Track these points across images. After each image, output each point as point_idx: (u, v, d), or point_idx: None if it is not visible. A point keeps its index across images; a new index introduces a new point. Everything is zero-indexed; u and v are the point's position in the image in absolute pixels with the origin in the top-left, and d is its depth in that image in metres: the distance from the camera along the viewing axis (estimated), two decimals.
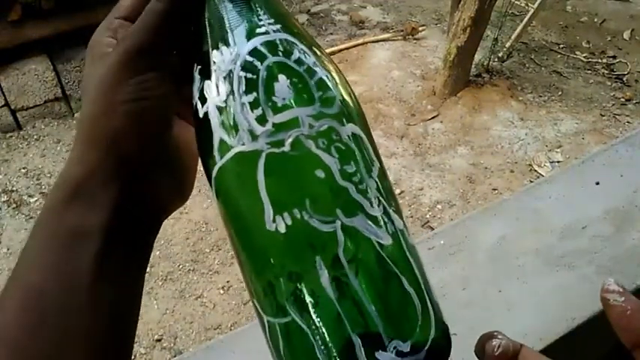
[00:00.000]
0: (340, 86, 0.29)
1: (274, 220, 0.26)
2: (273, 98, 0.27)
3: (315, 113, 0.27)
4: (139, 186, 0.29)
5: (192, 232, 2.02)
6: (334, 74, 0.29)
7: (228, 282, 1.85)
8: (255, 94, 0.27)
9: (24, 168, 2.32)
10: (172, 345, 1.70)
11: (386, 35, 3.01)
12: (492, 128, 2.45)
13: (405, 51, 2.91)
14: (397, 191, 2.16)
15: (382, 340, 0.25)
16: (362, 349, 0.25)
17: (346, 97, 0.29)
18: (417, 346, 0.25)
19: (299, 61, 0.28)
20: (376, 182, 0.27)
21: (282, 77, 0.27)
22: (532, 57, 2.92)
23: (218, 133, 0.27)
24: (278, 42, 0.28)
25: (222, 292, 1.83)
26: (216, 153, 0.27)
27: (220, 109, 0.27)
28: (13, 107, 2.45)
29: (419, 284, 0.27)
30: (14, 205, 2.15)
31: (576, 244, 0.59)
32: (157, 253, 1.95)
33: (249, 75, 0.27)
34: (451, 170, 2.26)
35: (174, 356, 1.66)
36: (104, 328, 0.27)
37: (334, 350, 0.25)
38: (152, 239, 0.32)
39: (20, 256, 0.28)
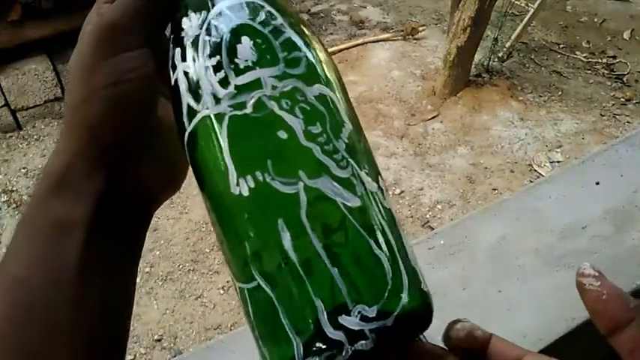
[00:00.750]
0: (312, 48, 0.28)
1: (238, 184, 0.26)
2: (236, 60, 0.26)
3: (278, 74, 0.26)
4: (124, 174, 0.28)
5: (192, 232, 2.02)
6: (306, 37, 0.28)
7: (228, 282, 1.85)
8: (218, 56, 0.27)
9: (24, 168, 2.32)
10: (172, 345, 1.70)
11: (386, 35, 3.01)
12: (492, 128, 2.45)
13: (405, 51, 2.91)
14: (397, 191, 2.16)
15: (347, 305, 0.24)
16: (324, 313, 0.24)
17: (317, 59, 0.28)
18: (384, 312, 0.24)
19: (264, 23, 0.27)
20: (345, 143, 0.26)
21: (245, 39, 0.27)
22: (532, 57, 2.92)
23: (186, 99, 0.27)
24: (244, 5, 0.27)
25: (222, 292, 1.83)
26: (185, 119, 0.27)
27: (187, 75, 0.27)
28: (13, 107, 2.45)
29: (391, 248, 0.26)
30: (14, 205, 2.15)
31: (576, 244, 0.59)
32: (157, 253, 1.95)
33: (214, 38, 0.27)
34: (451, 170, 2.26)
35: (174, 356, 1.66)
36: (91, 322, 0.27)
37: (297, 314, 0.25)
38: (143, 229, 0.31)
39: (6, 251, 0.27)
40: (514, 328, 0.51)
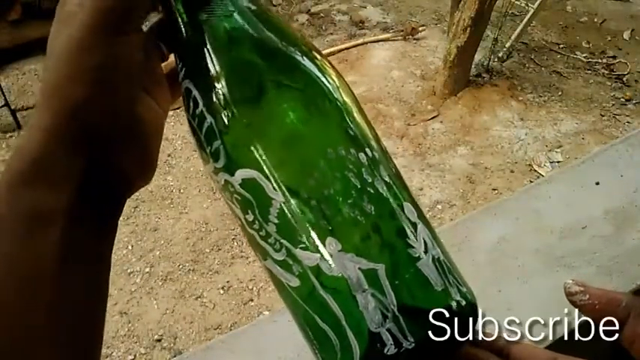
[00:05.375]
0: (235, 116, 0.27)
1: None
2: (201, 153, 0.29)
3: (212, 170, 0.28)
4: (103, 159, 0.27)
5: (192, 232, 2.01)
6: (230, 102, 0.27)
7: (228, 282, 1.85)
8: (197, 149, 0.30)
9: None
10: (172, 345, 1.70)
11: (386, 35, 3.01)
12: (492, 128, 2.45)
13: (405, 51, 2.91)
14: None
15: None
16: None
17: (242, 127, 0.27)
18: None
19: (193, 115, 0.28)
20: (275, 224, 0.26)
21: (193, 137, 0.29)
22: (532, 57, 2.92)
23: None
24: (185, 92, 0.29)
25: (222, 292, 1.83)
26: None
27: None
28: (13, 107, 2.45)
29: (335, 322, 0.25)
30: None
31: (576, 244, 0.59)
32: (157, 253, 1.95)
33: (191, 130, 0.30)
34: (451, 170, 2.26)
35: (174, 356, 1.66)
36: (72, 319, 0.25)
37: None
38: (116, 221, 0.29)
39: None
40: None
